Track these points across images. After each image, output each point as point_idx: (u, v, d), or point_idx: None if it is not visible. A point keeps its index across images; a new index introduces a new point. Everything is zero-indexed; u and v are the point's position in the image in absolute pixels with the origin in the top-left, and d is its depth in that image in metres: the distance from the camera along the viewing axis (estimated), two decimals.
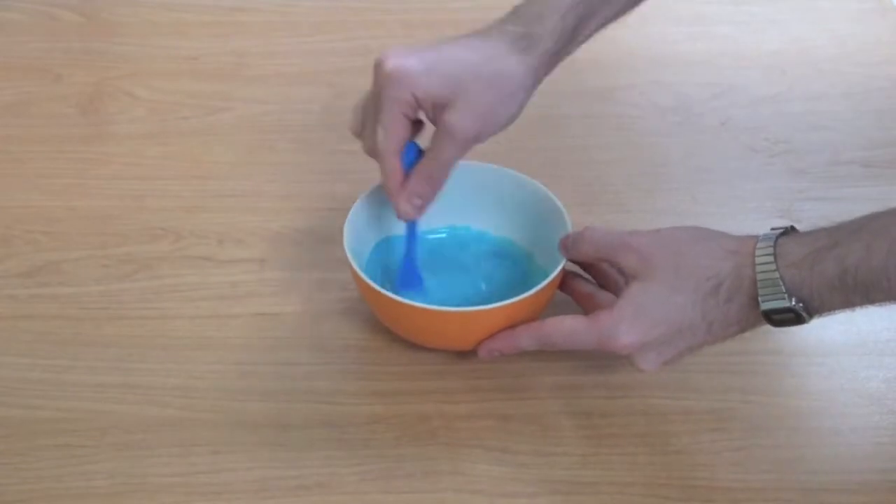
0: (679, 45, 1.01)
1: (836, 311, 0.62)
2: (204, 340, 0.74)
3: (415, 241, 0.73)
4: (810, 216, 0.84)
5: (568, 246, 0.70)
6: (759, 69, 0.99)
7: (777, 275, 0.61)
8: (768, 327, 0.64)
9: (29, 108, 0.93)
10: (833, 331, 0.75)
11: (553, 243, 0.71)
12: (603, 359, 0.71)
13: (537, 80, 0.70)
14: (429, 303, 0.69)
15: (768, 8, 1.07)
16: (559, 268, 0.69)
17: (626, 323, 0.65)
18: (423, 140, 0.70)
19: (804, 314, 0.62)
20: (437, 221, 0.77)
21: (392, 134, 0.68)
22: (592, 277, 0.72)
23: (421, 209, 0.71)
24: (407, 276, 0.74)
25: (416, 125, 0.70)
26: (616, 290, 0.70)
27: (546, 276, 0.69)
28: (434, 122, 0.69)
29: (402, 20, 1.04)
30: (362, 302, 0.74)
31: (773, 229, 0.64)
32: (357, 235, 0.72)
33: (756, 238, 0.64)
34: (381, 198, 0.75)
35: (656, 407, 0.71)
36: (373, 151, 0.70)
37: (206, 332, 0.75)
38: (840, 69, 0.99)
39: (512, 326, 0.68)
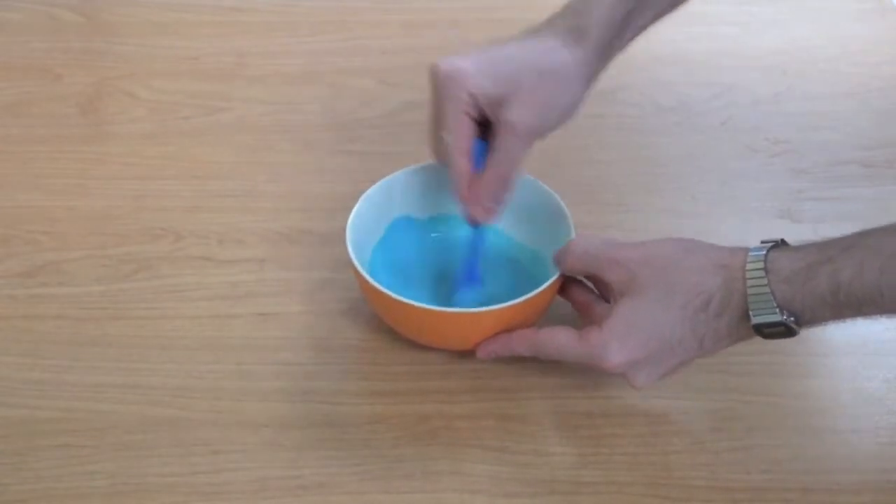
0: (679, 45, 1.01)
1: (827, 324, 0.62)
2: (204, 340, 0.74)
3: (482, 243, 0.73)
4: (810, 216, 0.84)
5: (558, 260, 0.70)
6: (759, 69, 0.99)
7: (768, 290, 0.61)
8: None
9: (29, 108, 0.93)
10: (833, 331, 0.75)
11: (556, 245, 0.71)
12: None
13: (592, 71, 0.70)
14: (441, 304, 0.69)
15: (768, 8, 1.07)
16: (556, 275, 0.69)
17: (616, 342, 0.64)
18: None
19: (795, 327, 0.62)
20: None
21: (457, 133, 0.68)
22: (593, 285, 0.72)
23: (494, 212, 0.70)
24: (468, 275, 0.74)
25: (485, 127, 0.70)
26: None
27: (547, 278, 0.69)
28: (493, 120, 0.69)
29: (402, 20, 1.04)
30: (363, 302, 0.74)
31: (762, 242, 0.64)
32: (359, 235, 0.72)
33: (745, 251, 0.63)
34: (383, 197, 0.75)
35: (656, 407, 0.71)
36: (441, 155, 0.70)
37: (206, 332, 0.75)
38: (840, 69, 0.99)
39: (510, 328, 0.68)
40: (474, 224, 0.71)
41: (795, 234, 0.82)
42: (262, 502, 0.65)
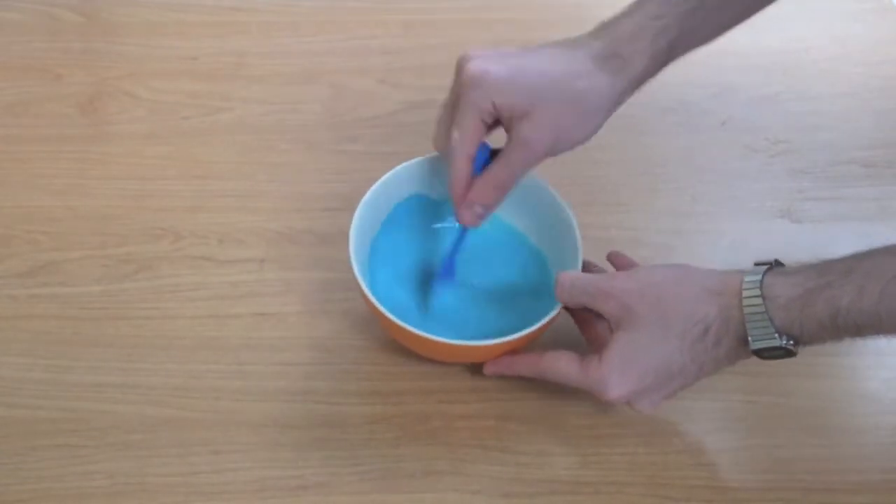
0: None
1: (825, 343, 0.62)
2: (204, 340, 0.74)
3: (464, 242, 0.73)
4: (810, 216, 0.84)
5: (555, 292, 0.68)
6: (759, 69, 0.99)
7: (766, 317, 0.61)
8: None
9: (29, 108, 0.93)
10: None
11: (561, 249, 0.71)
12: None
13: (619, 102, 0.68)
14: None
15: (768, 8, 1.07)
16: (556, 309, 0.68)
17: (616, 376, 0.64)
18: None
19: (794, 349, 0.62)
20: None
21: (467, 137, 0.67)
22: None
23: (481, 218, 0.70)
24: (446, 270, 0.74)
25: (491, 127, 0.69)
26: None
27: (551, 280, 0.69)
28: (508, 130, 0.68)
29: (402, 20, 1.04)
30: (362, 302, 0.74)
31: (756, 265, 0.64)
32: (360, 236, 0.72)
33: (740, 276, 0.63)
34: (381, 198, 0.75)
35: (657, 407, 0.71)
36: (441, 146, 0.70)
37: (206, 332, 0.75)
38: (840, 69, 0.99)
39: (515, 352, 0.69)
40: (464, 225, 0.71)
41: (795, 235, 0.82)
42: (262, 502, 0.65)
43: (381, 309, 0.67)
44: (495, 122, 0.68)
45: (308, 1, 1.06)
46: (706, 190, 0.87)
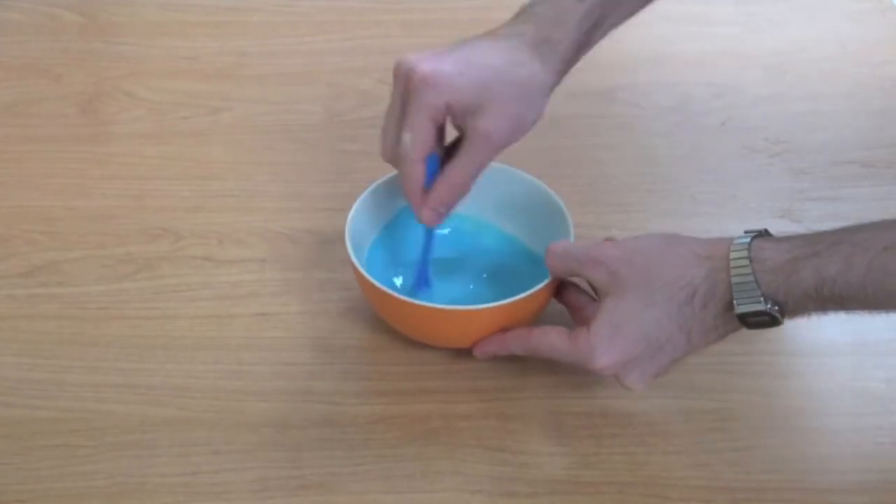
0: (679, 45, 1.01)
1: (810, 315, 0.62)
2: (204, 340, 0.74)
3: (432, 244, 0.73)
4: (810, 216, 0.84)
5: (546, 262, 0.69)
6: (759, 69, 0.99)
7: (752, 279, 0.61)
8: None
9: (29, 108, 0.93)
10: (833, 331, 0.75)
11: (551, 234, 0.71)
12: None
13: (552, 87, 0.70)
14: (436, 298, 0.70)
15: (768, 8, 1.07)
16: (551, 277, 0.69)
17: (603, 345, 0.64)
18: None
19: (779, 317, 0.61)
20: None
21: (420, 140, 0.66)
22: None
23: (444, 216, 0.70)
24: (420, 277, 0.74)
25: (439, 132, 0.69)
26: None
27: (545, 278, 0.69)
28: (461, 127, 0.68)
29: (402, 20, 1.04)
30: (363, 302, 0.74)
31: (746, 232, 0.64)
32: (358, 234, 0.72)
33: (729, 241, 0.63)
34: (381, 196, 0.75)
35: (656, 407, 0.71)
36: (392, 157, 0.69)
37: (206, 332, 0.75)
38: (840, 69, 0.99)
39: (506, 327, 0.69)
40: (427, 225, 0.71)
41: None
42: (261, 502, 0.65)
43: (368, 276, 0.67)
44: (442, 126, 0.68)
45: (308, 1, 1.06)
46: (706, 190, 0.87)
